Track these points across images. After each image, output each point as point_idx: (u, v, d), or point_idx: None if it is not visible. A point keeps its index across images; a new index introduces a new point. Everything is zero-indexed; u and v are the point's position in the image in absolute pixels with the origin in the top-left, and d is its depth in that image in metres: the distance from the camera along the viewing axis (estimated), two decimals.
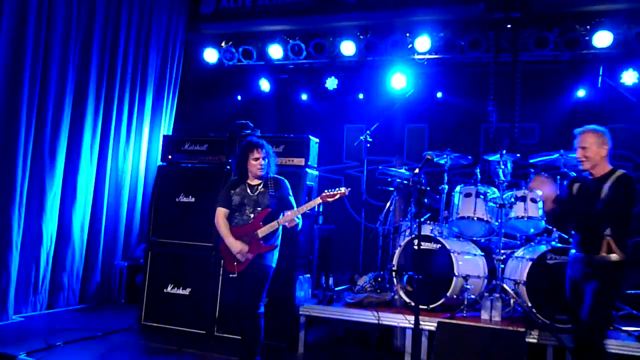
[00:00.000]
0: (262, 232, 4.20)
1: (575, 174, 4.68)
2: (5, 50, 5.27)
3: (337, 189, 4.27)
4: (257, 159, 4.31)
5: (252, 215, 4.27)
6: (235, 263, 4.21)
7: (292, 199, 4.42)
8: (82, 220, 6.28)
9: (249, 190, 4.33)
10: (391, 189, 6.26)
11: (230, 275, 4.23)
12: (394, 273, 5.27)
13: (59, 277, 6.06)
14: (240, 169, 4.38)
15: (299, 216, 4.31)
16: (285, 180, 4.47)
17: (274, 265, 4.31)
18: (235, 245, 4.19)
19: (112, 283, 6.74)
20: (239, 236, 4.23)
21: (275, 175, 4.46)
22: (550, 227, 5.16)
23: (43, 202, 5.76)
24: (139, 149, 7.15)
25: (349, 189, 4.28)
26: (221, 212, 4.35)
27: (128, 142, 6.96)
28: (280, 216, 4.30)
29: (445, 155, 5.64)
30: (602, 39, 6.30)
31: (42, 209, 5.75)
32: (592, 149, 3.70)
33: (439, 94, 7.46)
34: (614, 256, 3.52)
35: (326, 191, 4.25)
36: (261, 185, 4.35)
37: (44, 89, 5.67)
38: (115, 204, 6.80)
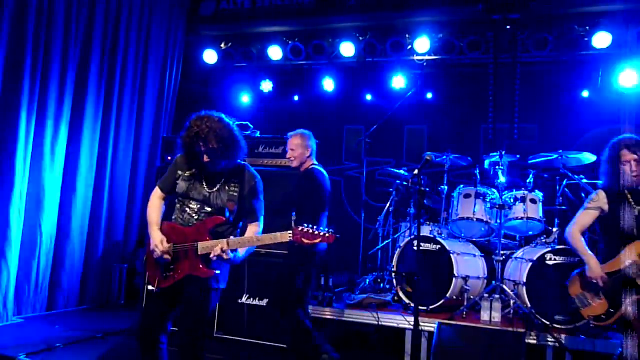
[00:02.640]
0: (204, 247, 3.01)
1: None
2: (6, 51, 5.27)
3: (325, 230, 2.98)
4: (201, 152, 3.07)
5: (195, 217, 3.12)
6: (158, 278, 3.12)
7: (260, 208, 3.20)
8: (81, 221, 6.28)
9: (204, 183, 3.15)
10: (391, 190, 6.27)
11: (149, 288, 3.15)
12: (393, 274, 5.28)
13: (58, 278, 6.05)
14: (190, 156, 3.17)
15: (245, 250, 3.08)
16: (258, 179, 3.23)
17: (222, 285, 3.19)
18: (156, 236, 3.09)
19: (111, 284, 6.74)
20: (172, 238, 3.11)
21: (246, 165, 3.23)
22: (550, 229, 5.17)
23: (42, 203, 5.75)
24: (139, 150, 7.14)
25: (338, 236, 3.03)
26: (156, 193, 3.27)
27: (128, 143, 6.96)
28: (237, 233, 3.13)
29: (444, 157, 5.65)
30: (601, 39, 6.31)
31: (41, 210, 5.75)
32: (298, 151, 4.41)
33: (435, 95, 7.47)
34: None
35: (304, 227, 2.94)
36: (223, 177, 3.14)
37: (43, 90, 5.67)
38: (115, 205, 6.80)
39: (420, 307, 4.79)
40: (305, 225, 2.96)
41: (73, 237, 6.17)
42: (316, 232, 2.93)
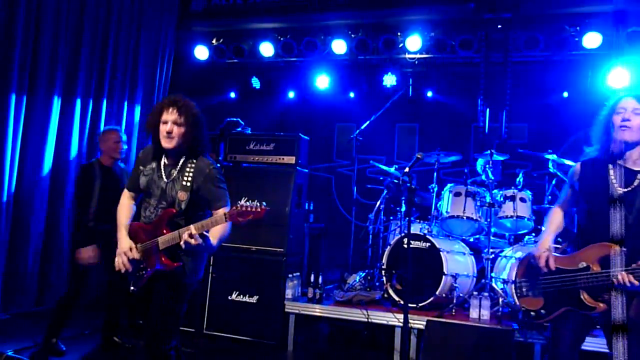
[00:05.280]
0: (164, 241, 2.96)
1: None
2: None
3: (256, 205, 2.81)
4: (165, 122, 2.95)
5: (154, 213, 3.06)
6: (133, 278, 3.12)
7: (222, 193, 3.04)
8: (70, 217, 6.23)
9: (162, 172, 3.06)
10: (382, 187, 6.28)
11: (131, 289, 3.10)
12: (383, 271, 5.29)
13: (47, 275, 6.01)
14: (152, 134, 3.05)
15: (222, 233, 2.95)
16: (214, 165, 3.07)
17: (193, 280, 3.11)
18: (122, 242, 3.06)
19: (101, 280, 6.69)
20: (140, 238, 3.08)
21: (204, 156, 3.08)
22: (540, 227, 5.21)
23: (32, 199, 5.71)
24: (129, 146, 7.07)
25: (268, 208, 2.85)
26: (125, 194, 3.25)
27: None
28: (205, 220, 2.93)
29: (435, 155, 5.67)
30: (592, 40, 6.35)
31: (30, 206, 5.70)
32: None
33: (429, 93, 7.50)
34: None
35: (239, 206, 2.80)
36: (177, 167, 3.04)
37: (33, 83, 5.62)
38: None
39: (410, 305, 4.81)
40: (238, 204, 2.82)
41: (62, 233, 6.12)
42: (248, 209, 2.80)
